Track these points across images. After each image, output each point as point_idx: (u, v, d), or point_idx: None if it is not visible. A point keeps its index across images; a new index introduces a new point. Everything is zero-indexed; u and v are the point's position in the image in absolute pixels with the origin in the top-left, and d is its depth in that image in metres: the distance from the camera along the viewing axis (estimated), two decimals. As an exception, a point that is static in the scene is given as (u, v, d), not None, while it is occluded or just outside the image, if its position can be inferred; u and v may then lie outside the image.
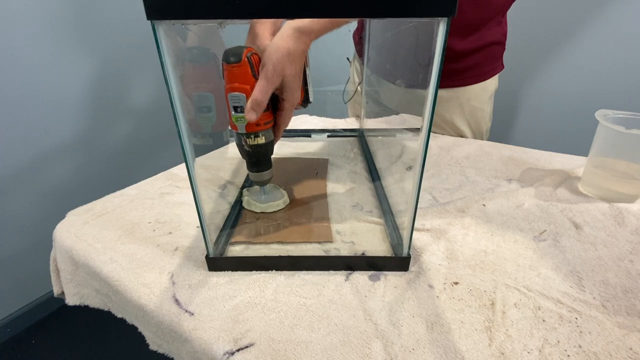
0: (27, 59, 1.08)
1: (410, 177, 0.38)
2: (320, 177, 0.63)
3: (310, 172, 0.64)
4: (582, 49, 1.11)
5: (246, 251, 0.45)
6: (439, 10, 0.28)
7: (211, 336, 0.34)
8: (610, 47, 1.08)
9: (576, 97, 1.16)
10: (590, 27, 1.08)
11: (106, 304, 0.46)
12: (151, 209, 0.55)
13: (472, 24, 0.73)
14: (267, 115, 0.45)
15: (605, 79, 1.10)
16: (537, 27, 1.15)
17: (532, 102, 1.23)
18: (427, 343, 0.33)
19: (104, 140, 1.34)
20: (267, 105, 0.43)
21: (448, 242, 0.46)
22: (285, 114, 0.47)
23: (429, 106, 0.33)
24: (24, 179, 1.16)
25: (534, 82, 1.21)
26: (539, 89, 1.21)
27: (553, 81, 1.18)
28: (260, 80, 0.41)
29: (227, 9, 0.28)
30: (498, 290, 0.38)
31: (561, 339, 0.33)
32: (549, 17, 1.12)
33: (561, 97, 1.18)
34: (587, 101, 1.15)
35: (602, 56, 1.09)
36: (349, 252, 0.44)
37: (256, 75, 0.41)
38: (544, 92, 1.21)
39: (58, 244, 0.49)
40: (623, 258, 0.43)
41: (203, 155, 0.41)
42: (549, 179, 0.61)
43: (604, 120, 0.52)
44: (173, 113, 0.33)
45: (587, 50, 1.11)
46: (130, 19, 1.30)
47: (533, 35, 1.16)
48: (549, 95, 1.20)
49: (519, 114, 1.28)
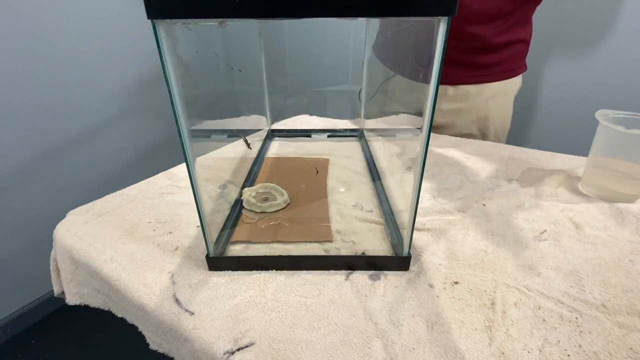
0: (27, 59, 1.08)
1: (411, 177, 0.38)
2: (320, 176, 0.63)
3: (310, 171, 0.64)
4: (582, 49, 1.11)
5: (246, 251, 0.45)
6: (440, 9, 0.28)
7: (211, 336, 0.34)
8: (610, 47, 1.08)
9: (576, 97, 1.16)
10: (590, 27, 1.08)
11: (106, 304, 0.46)
12: (151, 208, 0.55)
13: (506, 15, 0.73)
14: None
15: (606, 78, 1.10)
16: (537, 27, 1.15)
17: (533, 102, 1.23)
18: (427, 342, 0.33)
19: (104, 140, 1.34)
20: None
21: (448, 242, 0.46)
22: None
23: (429, 106, 0.33)
24: (24, 179, 1.16)
25: (534, 82, 1.21)
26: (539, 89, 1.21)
27: (553, 81, 1.18)
28: None
29: (228, 8, 0.28)
30: (498, 290, 0.38)
31: (561, 338, 0.33)
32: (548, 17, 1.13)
33: (561, 97, 1.19)
34: (587, 101, 1.15)
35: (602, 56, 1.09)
36: (349, 252, 0.44)
37: None
38: (544, 92, 1.21)
39: (58, 244, 0.49)
40: (623, 258, 0.43)
41: (203, 155, 0.41)
42: (549, 179, 0.61)
43: (604, 120, 0.52)
44: (174, 113, 0.33)
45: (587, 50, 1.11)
46: (130, 19, 1.30)
47: (533, 34, 1.16)
48: (549, 95, 1.20)
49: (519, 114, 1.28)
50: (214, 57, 0.55)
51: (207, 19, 0.30)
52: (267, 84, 0.81)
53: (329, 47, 1.33)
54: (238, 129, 0.77)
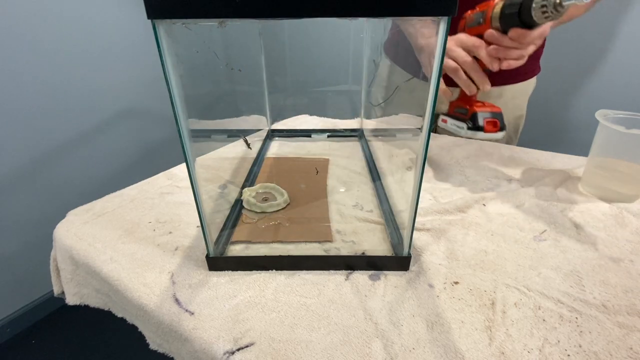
0: (26, 59, 1.08)
1: (411, 177, 0.38)
2: (320, 176, 0.63)
3: (310, 171, 0.64)
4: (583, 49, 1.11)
5: (246, 251, 0.45)
6: (440, 9, 0.28)
7: (211, 336, 0.34)
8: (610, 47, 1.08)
9: (576, 97, 1.16)
10: (591, 27, 1.08)
11: (106, 304, 0.46)
12: (151, 208, 0.55)
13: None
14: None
15: (606, 79, 1.10)
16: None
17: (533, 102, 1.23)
18: (427, 342, 0.33)
19: (104, 140, 1.34)
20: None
21: (448, 242, 0.46)
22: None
23: (429, 106, 0.33)
24: (24, 179, 1.16)
25: (535, 82, 1.21)
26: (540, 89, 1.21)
27: (553, 81, 1.18)
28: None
29: (228, 9, 0.28)
30: (498, 290, 0.38)
31: (561, 338, 0.33)
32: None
33: (561, 97, 1.19)
34: (587, 101, 1.15)
35: (602, 56, 1.09)
36: (349, 252, 0.44)
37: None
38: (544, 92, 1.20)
39: (58, 244, 0.49)
40: (623, 258, 0.43)
41: (203, 155, 0.41)
42: (549, 179, 0.61)
43: (604, 120, 0.52)
44: (174, 113, 0.33)
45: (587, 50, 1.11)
46: (130, 18, 1.30)
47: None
48: (549, 95, 1.20)
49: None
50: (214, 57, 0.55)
51: (207, 19, 0.30)
52: (267, 84, 0.81)
53: (329, 47, 1.32)
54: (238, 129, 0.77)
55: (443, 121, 0.63)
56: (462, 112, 0.58)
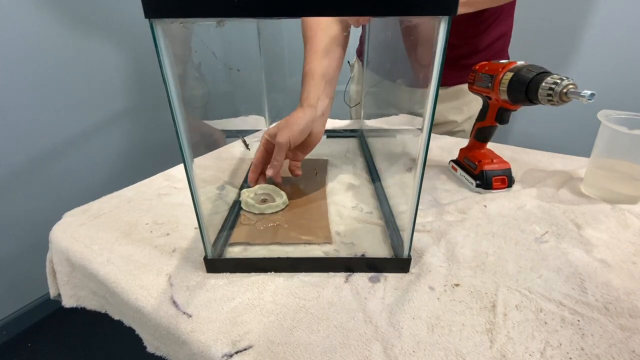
0: (26, 59, 1.08)
1: (411, 178, 0.37)
2: (319, 177, 0.62)
3: (309, 172, 0.64)
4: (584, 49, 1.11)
5: (245, 253, 0.44)
6: (440, 9, 0.27)
7: (209, 338, 0.33)
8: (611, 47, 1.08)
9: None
10: (592, 27, 1.08)
11: (103, 306, 0.46)
12: (148, 210, 0.54)
13: (494, 14, 0.75)
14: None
15: (607, 79, 1.10)
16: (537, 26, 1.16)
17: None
18: (428, 345, 0.32)
19: (101, 141, 1.34)
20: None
21: (449, 244, 0.46)
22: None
23: (429, 106, 0.32)
24: (20, 180, 1.15)
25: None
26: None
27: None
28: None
29: (226, 8, 0.27)
30: (499, 292, 0.38)
31: (563, 341, 0.32)
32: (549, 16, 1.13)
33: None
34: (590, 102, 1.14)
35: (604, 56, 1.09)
36: (348, 254, 0.44)
37: None
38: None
39: (54, 246, 0.49)
40: (625, 260, 0.42)
41: (201, 156, 0.41)
42: (550, 180, 0.61)
43: (606, 120, 0.52)
44: (171, 113, 0.33)
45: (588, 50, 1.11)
46: (128, 18, 1.30)
47: (534, 34, 1.16)
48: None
49: (520, 114, 1.28)
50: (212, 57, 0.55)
51: (205, 18, 0.29)
52: (266, 84, 0.81)
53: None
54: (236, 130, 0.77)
55: (453, 168, 0.65)
56: (472, 166, 0.60)
